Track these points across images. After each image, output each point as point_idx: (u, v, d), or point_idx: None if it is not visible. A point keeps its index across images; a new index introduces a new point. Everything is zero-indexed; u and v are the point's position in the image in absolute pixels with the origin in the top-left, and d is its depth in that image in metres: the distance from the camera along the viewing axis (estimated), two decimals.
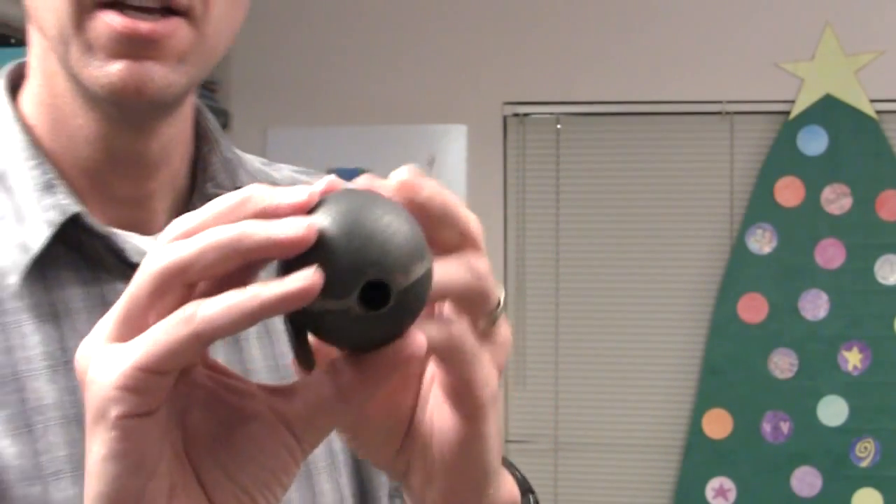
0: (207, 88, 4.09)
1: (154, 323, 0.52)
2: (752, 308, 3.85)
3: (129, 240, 0.81)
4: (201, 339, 0.51)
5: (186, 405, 0.56)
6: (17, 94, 0.84)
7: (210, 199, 0.58)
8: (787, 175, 3.86)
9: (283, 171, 1.02)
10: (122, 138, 0.80)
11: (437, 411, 0.64)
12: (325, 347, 0.57)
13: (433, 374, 0.65)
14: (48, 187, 0.78)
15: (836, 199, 3.83)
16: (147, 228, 0.84)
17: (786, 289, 3.84)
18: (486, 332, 0.63)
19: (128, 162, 0.81)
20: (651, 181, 3.98)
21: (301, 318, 0.55)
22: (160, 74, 0.75)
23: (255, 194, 0.54)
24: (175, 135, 0.84)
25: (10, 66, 0.86)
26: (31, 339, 0.76)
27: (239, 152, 0.97)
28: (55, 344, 0.77)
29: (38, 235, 0.77)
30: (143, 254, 0.80)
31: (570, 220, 4.03)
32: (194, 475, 0.57)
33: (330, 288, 0.52)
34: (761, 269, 3.85)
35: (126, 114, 0.78)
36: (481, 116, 4.07)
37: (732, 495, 3.84)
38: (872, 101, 3.82)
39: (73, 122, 0.80)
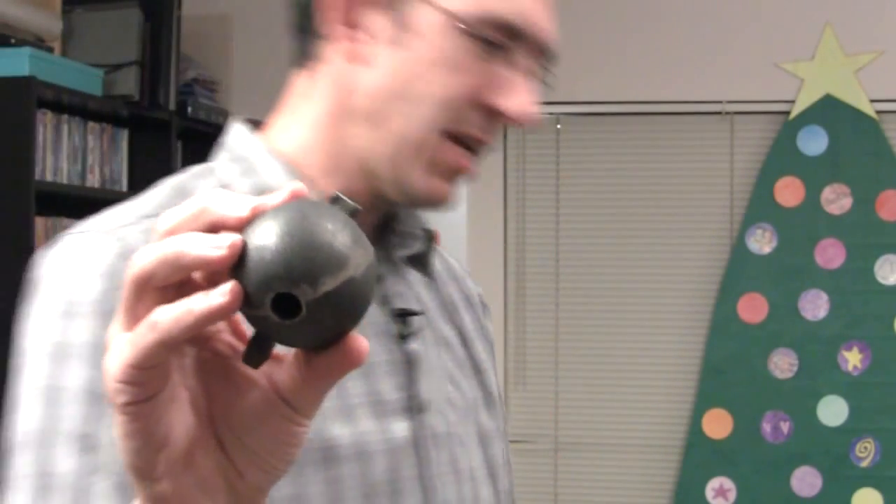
0: (207, 88, 4.09)
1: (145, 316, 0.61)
2: (752, 308, 3.85)
3: None
4: (166, 344, 0.60)
5: (210, 371, 0.65)
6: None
7: (398, 237, 1.02)
8: (787, 175, 3.86)
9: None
10: (380, 200, 1.02)
11: None
12: None
13: None
14: None
15: (836, 199, 3.83)
16: None
17: (786, 289, 3.84)
18: None
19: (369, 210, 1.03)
20: (651, 181, 3.98)
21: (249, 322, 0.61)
22: (456, 193, 1.01)
23: (211, 206, 0.61)
24: None
25: (243, 118, 1.13)
26: None
27: None
28: None
29: None
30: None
31: (570, 220, 4.03)
32: (215, 437, 0.65)
33: (247, 299, 0.59)
34: (761, 269, 3.85)
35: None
36: None
37: (732, 495, 3.84)
38: (872, 101, 3.82)
39: (349, 182, 1.01)
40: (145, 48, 3.62)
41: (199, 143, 4.16)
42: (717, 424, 3.84)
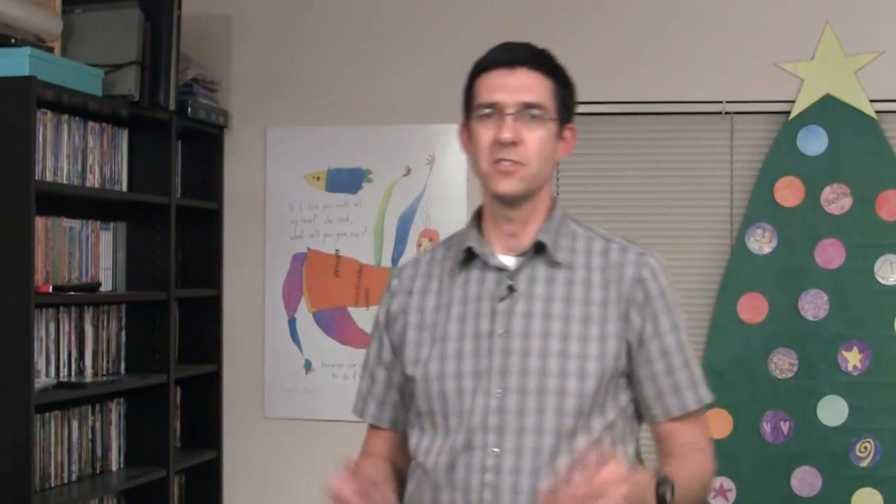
0: (207, 88, 4.09)
1: None
2: (752, 308, 3.85)
3: (492, 256, 1.94)
4: None
5: None
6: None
7: (539, 241, 1.95)
8: (787, 175, 3.85)
9: (597, 236, 2.08)
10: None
11: None
12: None
13: None
14: (471, 238, 1.97)
15: (836, 199, 3.83)
16: (516, 251, 1.94)
17: (786, 289, 3.84)
18: None
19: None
20: (651, 181, 3.98)
21: None
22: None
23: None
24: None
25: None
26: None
27: (571, 222, 2.07)
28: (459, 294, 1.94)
29: (461, 253, 1.97)
30: (498, 262, 1.93)
31: None
32: None
33: None
34: (761, 269, 3.85)
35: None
36: None
37: (732, 495, 3.83)
38: (872, 101, 3.82)
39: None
40: (145, 48, 3.62)
41: (199, 143, 4.16)
42: (717, 424, 3.83)
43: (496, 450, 1.82)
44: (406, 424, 1.97)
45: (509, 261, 1.93)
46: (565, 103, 1.96)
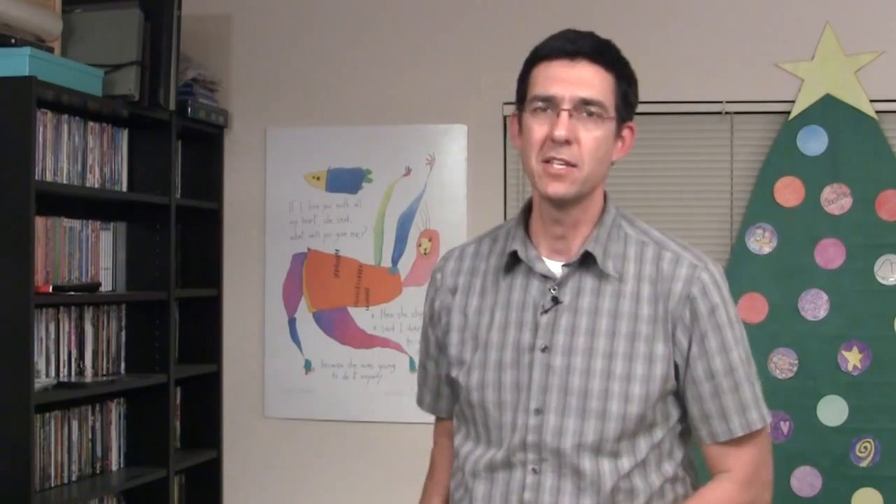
0: (207, 88, 4.09)
1: None
2: (752, 308, 3.85)
3: (538, 262, 1.86)
4: None
5: None
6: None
7: (587, 251, 1.84)
8: (787, 175, 3.85)
9: (650, 240, 1.92)
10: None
11: None
12: None
13: None
14: (516, 239, 1.89)
15: (836, 199, 3.83)
16: (564, 255, 1.86)
17: (786, 289, 3.84)
18: None
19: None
20: (651, 181, 3.98)
21: None
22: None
23: None
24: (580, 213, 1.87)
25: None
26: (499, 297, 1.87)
27: (625, 225, 1.91)
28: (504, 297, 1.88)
29: (505, 256, 1.89)
30: (544, 269, 1.85)
31: None
32: None
33: None
34: (761, 269, 3.85)
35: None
36: (481, 116, 4.06)
37: None
38: (872, 101, 3.82)
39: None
40: (145, 48, 3.62)
41: (199, 142, 4.17)
42: None
43: (535, 468, 1.77)
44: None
45: (556, 267, 1.85)
46: (626, 100, 1.87)
